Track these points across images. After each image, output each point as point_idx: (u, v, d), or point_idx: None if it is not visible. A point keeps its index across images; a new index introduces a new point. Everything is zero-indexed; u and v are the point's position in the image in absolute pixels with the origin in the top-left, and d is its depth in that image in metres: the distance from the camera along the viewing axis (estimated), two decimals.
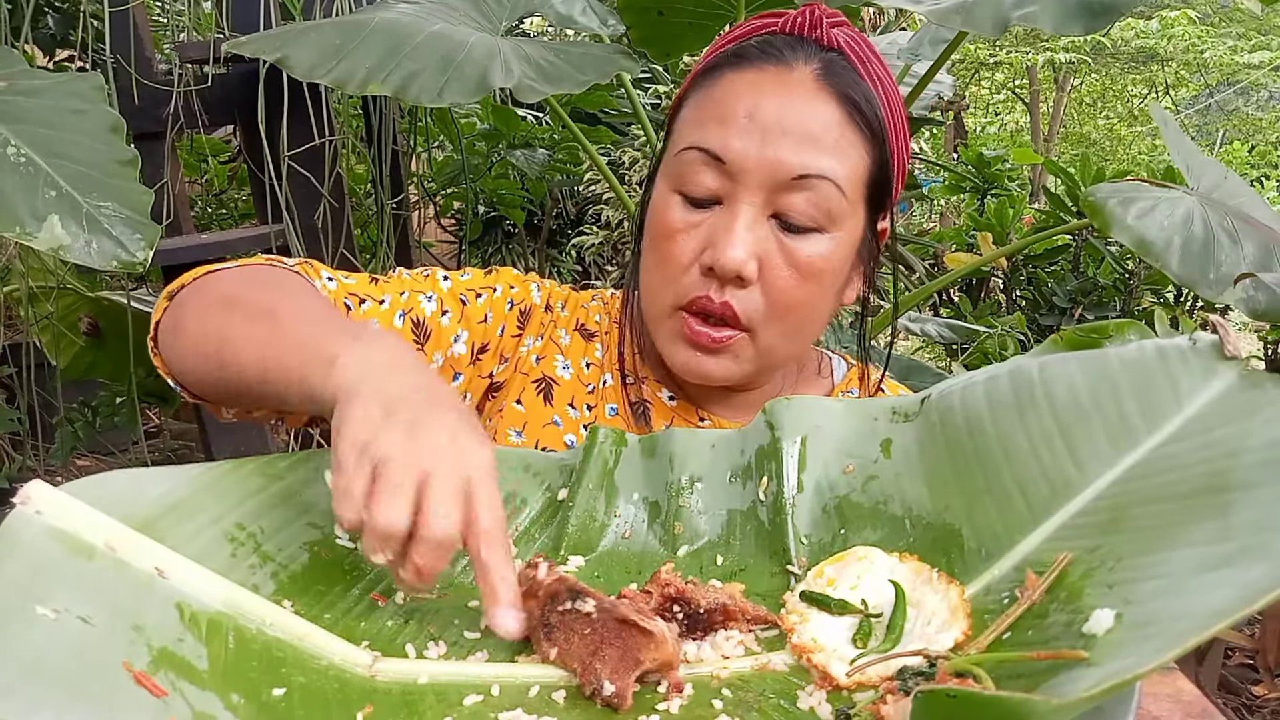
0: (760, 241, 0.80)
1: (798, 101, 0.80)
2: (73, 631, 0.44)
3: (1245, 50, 8.88)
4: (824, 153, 0.80)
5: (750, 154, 0.79)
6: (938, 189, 4.71)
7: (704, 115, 0.83)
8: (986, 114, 11.87)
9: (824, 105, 0.81)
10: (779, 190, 0.80)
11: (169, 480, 0.59)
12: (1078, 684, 0.41)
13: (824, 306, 0.86)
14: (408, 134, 2.55)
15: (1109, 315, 3.09)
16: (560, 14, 1.68)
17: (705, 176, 0.81)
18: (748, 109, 0.80)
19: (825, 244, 0.82)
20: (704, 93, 0.84)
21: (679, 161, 0.83)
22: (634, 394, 0.93)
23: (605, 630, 0.53)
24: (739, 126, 0.80)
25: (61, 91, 1.16)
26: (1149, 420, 0.57)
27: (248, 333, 0.69)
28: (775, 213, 0.81)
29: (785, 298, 0.82)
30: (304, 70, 1.37)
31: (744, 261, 0.79)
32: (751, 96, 0.81)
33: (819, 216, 0.80)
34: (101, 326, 2.23)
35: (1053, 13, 1.28)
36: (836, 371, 0.99)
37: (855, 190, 0.82)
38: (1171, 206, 1.44)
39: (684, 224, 0.82)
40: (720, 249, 0.80)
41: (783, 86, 0.81)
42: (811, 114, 0.80)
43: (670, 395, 0.93)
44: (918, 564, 0.59)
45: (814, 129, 0.80)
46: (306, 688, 0.49)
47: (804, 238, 0.81)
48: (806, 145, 0.79)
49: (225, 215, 3.09)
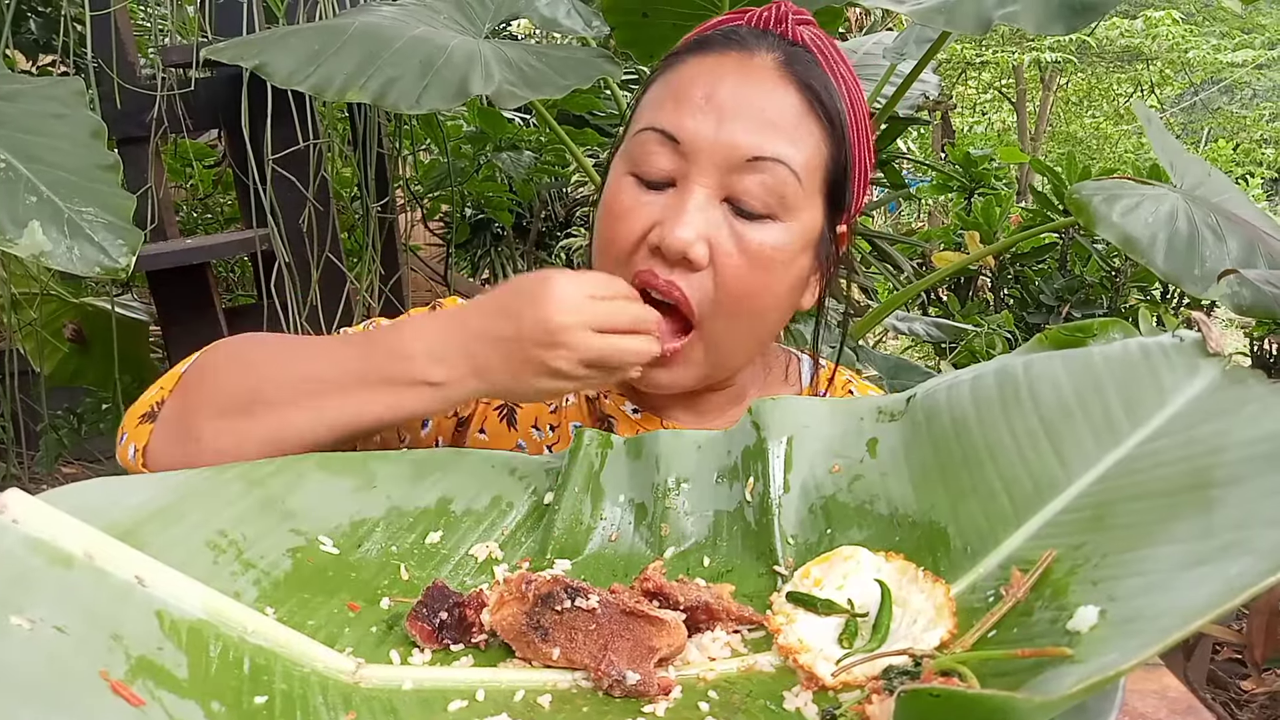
0: (711, 225, 0.78)
1: (757, 86, 0.79)
2: (49, 641, 0.43)
3: (1228, 49, 8.95)
4: (780, 138, 0.78)
5: (705, 134, 0.78)
6: (925, 189, 4.73)
7: (663, 97, 0.82)
8: (973, 113, 11.92)
9: (784, 92, 0.80)
10: (732, 172, 0.78)
11: (150, 488, 0.59)
12: (1062, 681, 0.41)
13: (777, 301, 0.83)
14: (393, 137, 2.54)
15: (1096, 313, 3.11)
16: (544, 16, 1.68)
17: (659, 157, 0.79)
18: (705, 90, 0.79)
19: (778, 232, 0.79)
20: (664, 78, 0.83)
21: (635, 142, 0.81)
22: (595, 410, 0.92)
23: (612, 623, 0.53)
24: (695, 106, 0.78)
25: (41, 96, 1.15)
26: (1133, 417, 0.57)
27: (292, 411, 0.71)
28: (728, 197, 0.79)
29: (735, 285, 0.79)
30: (283, 77, 1.37)
31: (691, 242, 0.77)
32: (710, 79, 0.80)
33: (773, 202, 0.79)
34: (86, 333, 2.22)
35: (1035, 12, 1.29)
36: (805, 374, 0.98)
37: (811, 180, 0.80)
38: (1156, 203, 1.45)
39: (635, 204, 0.80)
40: (668, 227, 0.77)
41: (743, 71, 0.80)
42: (770, 99, 0.79)
43: (634, 408, 0.92)
44: (904, 563, 0.59)
45: (771, 114, 0.79)
46: (289, 695, 0.49)
47: (757, 224, 0.79)
48: (763, 128, 0.78)
49: (210, 220, 3.07)
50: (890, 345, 4.28)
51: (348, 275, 2.14)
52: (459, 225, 3.22)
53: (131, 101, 1.95)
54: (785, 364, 0.97)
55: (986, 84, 10.76)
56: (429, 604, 0.56)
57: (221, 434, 0.71)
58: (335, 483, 0.66)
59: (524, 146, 2.90)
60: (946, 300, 3.49)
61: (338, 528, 0.64)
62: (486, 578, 0.64)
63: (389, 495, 0.67)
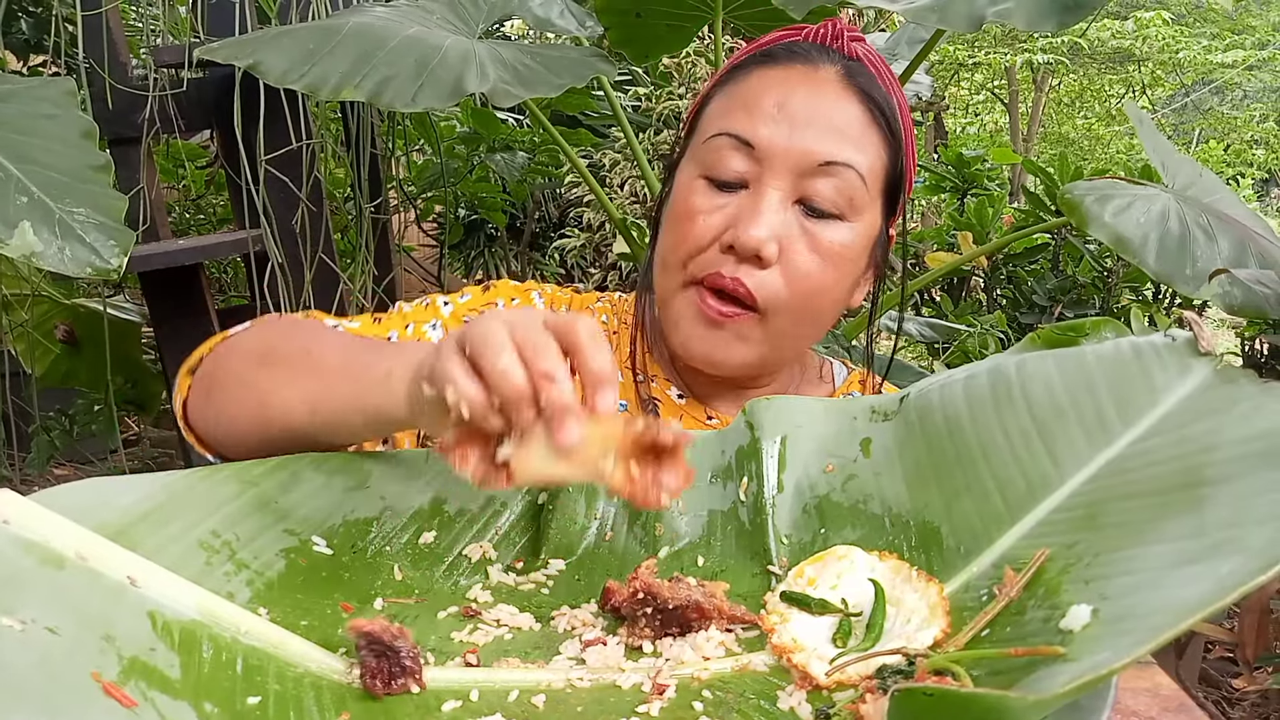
0: (783, 224, 0.82)
1: (824, 96, 0.83)
2: (40, 643, 0.43)
3: (1219, 50, 8.98)
4: (849, 144, 0.82)
5: (779, 140, 0.82)
6: (919, 189, 4.73)
7: (733, 105, 0.85)
8: (966, 114, 11.95)
9: (849, 102, 0.84)
10: (805, 176, 0.82)
11: (142, 488, 0.58)
12: (1054, 680, 0.41)
13: (838, 298, 0.87)
14: (386, 137, 2.54)
15: (1088, 313, 3.11)
16: (538, 16, 1.68)
17: (733, 160, 0.83)
18: (777, 100, 0.83)
19: (846, 232, 0.84)
20: (732, 87, 0.87)
21: (706, 148, 0.85)
22: (643, 391, 0.93)
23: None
24: (768, 115, 0.82)
25: (32, 96, 1.15)
26: (1125, 417, 0.57)
27: (288, 377, 0.71)
28: (800, 199, 0.83)
29: (806, 281, 0.83)
30: (277, 76, 1.37)
31: (765, 240, 0.80)
32: (781, 89, 0.83)
33: (842, 204, 0.83)
34: (78, 334, 2.21)
35: (1026, 10, 1.29)
36: (837, 376, 1.01)
37: (875, 184, 0.84)
38: (1148, 203, 1.45)
39: (708, 206, 0.84)
40: (743, 227, 0.81)
41: (810, 82, 0.84)
42: (838, 109, 0.83)
43: (679, 394, 0.94)
44: (897, 562, 0.59)
45: (839, 122, 0.83)
46: (282, 695, 0.48)
47: (827, 223, 0.83)
48: (833, 135, 0.82)
49: (203, 220, 3.06)
50: (882, 346, 4.29)
51: (341, 276, 2.13)
52: (453, 226, 3.21)
53: (123, 102, 1.94)
54: (819, 366, 1.01)
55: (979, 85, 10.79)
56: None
57: (235, 399, 0.73)
58: (329, 483, 0.66)
59: (517, 147, 2.90)
60: (940, 300, 3.50)
61: (331, 528, 0.64)
62: (480, 578, 0.64)
63: (383, 495, 0.67)
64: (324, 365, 0.71)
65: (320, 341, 0.74)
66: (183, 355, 0.81)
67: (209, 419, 0.76)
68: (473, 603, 0.61)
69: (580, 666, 0.54)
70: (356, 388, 0.66)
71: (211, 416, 0.75)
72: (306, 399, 0.69)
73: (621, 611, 0.58)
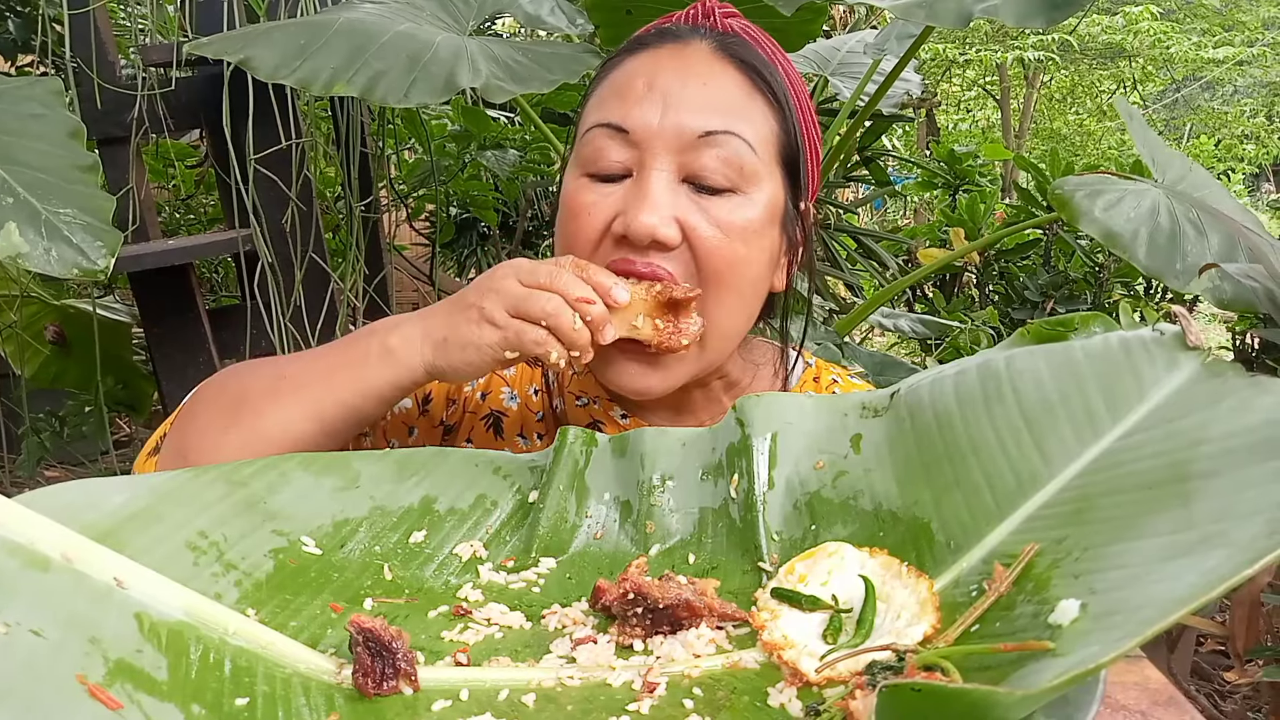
0: (677, 205, 0.78)
1: (697, 69, 0.80)
2: (25, 646, 0.42)
3: (1209, 46, 9.01)
4: (728, 112, 0.79)
5: (653, 119, 0.78)
6: (911, 186, 4.74)
7: (605, 96, 0.82)
8: (958, 111, 11.96)
9: (723, 72, 0.81)
10: (687, 151, 0.78)
11: (129, 489, 0.58)
12: (1043, 675, 0.41)
13: (756, 275, 0.82)
14: (377, 136, 2.53)
15: (1080, 308, 3.12)
16: (529, 14, 1.68)
17: (612, 150, 0.79)
18: (646, 80, 0.80)
19: (744, 204, 0.79)
20: (603, 81, 0.84)
21: (584, 144, 0.81)
22: (586, 415, 0.92)
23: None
24: (639, 96, 0.79)
25: (18, 96, 1.14)
26: (1113, 412, 0.57)
27: (276, 404, 0.74)
28: (687, 176, 0.79)
29: (716, 258, 0.78)
30: (268, 71, 1.36)
31: (657, 224, 0.76)
32: (650, 70, 0.80)
33: (732, 175, 0.78)
34: (67, 335, 2.20)
35: (1014, 5, 1.29)
36: (796, 372, 0.97)
37: (766, 150, 0.81)
38: (1138, 198, 1.46)
39: (594, 198, 0.80)
40: (631, 214, 0.77)
41: (679, 57, 0.81)
42: (712, 79, 0.80)
43: (622, 414, 0.92)
44: (887, 558, 0.59)
45: (714, 90, 0.79)
46: (270, 697, 0.48)
47: (721, 198, 0.79)
48: (709, 105, 0.79)
49: (193, 220, 3.05)
50: (876, 342, 4.30)
51: (332, 275, 2.13)
52: (444, 224, 3.20)
53: (112, 101, 1.93)
54: (774, 360, 0.97)
55: (971, 82, 10.81)
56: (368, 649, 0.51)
57: (213, 449, 0.74)
58: (318, 483, 0.66)
59: (509, 145, 2.89)
60: (932, 296, 3.51)
61: (320, 528, 0.63)
62: (470, 577, 0.64)
63: (372, 495, 0.67)
64: (307, 378, 0.73)
65: (284, 365, 0.77)
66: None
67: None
68: (463, 602, 0.61)
69: (571, 665, 0.54)
70: (358, 374, 0.71)
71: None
72: (306, 412, 0.72)
73: (612, 610, 0.58)
